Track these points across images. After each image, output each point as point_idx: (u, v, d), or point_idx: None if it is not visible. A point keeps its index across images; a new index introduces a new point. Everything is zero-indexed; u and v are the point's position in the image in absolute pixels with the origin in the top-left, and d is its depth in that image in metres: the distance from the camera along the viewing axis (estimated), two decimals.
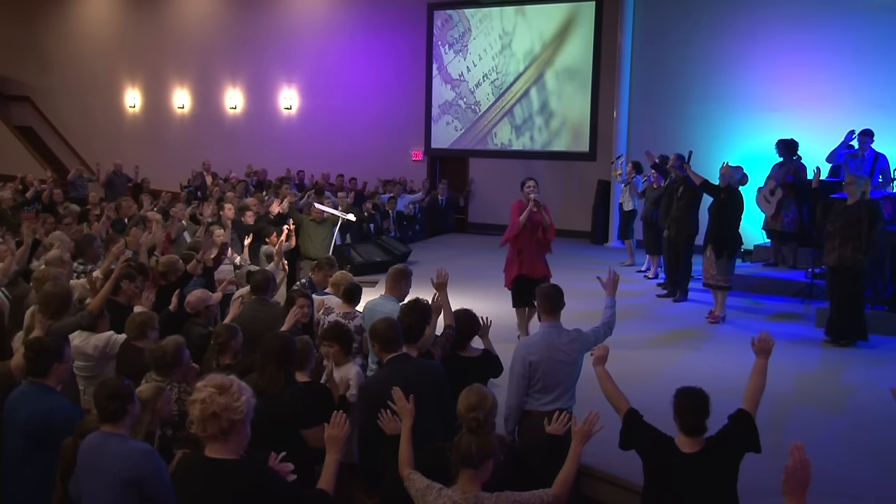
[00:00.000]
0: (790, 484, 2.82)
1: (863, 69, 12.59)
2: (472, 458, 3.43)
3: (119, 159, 17.31)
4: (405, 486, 3.70)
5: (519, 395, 4.87)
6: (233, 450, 3.17)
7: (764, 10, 13.43)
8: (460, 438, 3.49)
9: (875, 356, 8.08)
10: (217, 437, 3.13)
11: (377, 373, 4.77)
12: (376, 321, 4.78)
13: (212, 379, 3.22)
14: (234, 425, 3.14)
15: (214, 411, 3.09)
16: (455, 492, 3.48)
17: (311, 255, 10.44)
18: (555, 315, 5.03)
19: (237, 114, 20.64)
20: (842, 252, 8.17)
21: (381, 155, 18.03)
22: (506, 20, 16.12)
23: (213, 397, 3.11)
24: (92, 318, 5.56)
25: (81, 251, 7.70)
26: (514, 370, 4.90)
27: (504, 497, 3.48)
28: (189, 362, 4.85)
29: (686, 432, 3.84)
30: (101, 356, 5.56)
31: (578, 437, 3.78)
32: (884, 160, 10.72)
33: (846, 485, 5.18)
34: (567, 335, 5.02)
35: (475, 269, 11.99)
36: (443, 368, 4.66)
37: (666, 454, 3.85)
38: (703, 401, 3.84)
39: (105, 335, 5.60)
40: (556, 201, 16.32)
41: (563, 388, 4.90)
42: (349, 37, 18.60)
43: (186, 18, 21.11)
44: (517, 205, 8.50)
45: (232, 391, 3.15)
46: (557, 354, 4.91)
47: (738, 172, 9.50)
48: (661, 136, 14.07)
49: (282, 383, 4.34)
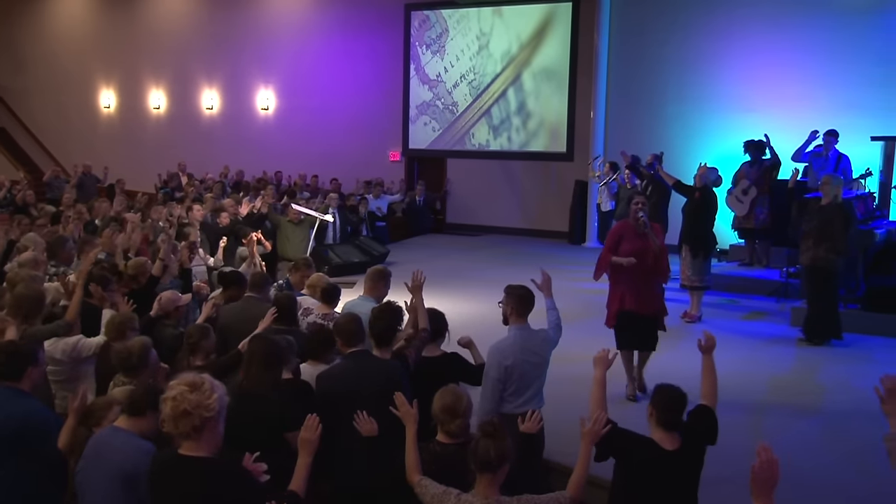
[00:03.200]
0: (757, 483, 2.85)
1: (836, 70, 12.71)
2: (492, 462, 3.41)
3: (94, 160, 17.16)
4: (416, 493, 3.67)
5: (494, 400, 4.83)
6: (206, 448, 3.17)
7: (739, 11, 13.52)
8: (477, 443, 3.47)
9: (849, 354, 8.16)
10: (189, 435, 3.14)
11: (335, 364, 4.76)
12: (339, 316, 4.80)
13: (183, 377, 3.22)
14: (206, 423, 3.14)
15: (185, 409, 3.10)
16: (475, 497, 3.46)
17: (288, 256, 10.42)
18: (525, 317, 5.02)
19: (213, 114, 20.52)
20: (816, 252, 8.25)
21: (359, 155, 17.98)
22: (483, 21, 16.13)
23: (185, 395, 3.11)
24: (68, 327, 5.54)
25: (54, 253, 7.62)
26: (489, 375, 4.85)
27: (524, 500, 3.48)
28: (157, 363, 4.80)
29: (665, 427, 3.87)
30: (70, 360, 5.51)
31: (588, 439, 3.80)
32: (846, 161, 10.86)
33: (820, 483, 5.22)
34: (538, 336, 5.04)
35: (452, 269, 12.00)
36: (401, 368, 4.63)
37: (650, 453, 3.87)
38: (683, 397, 3.90)
39: (73, 339, 5.54)
40: (533, 202, 16.43)
41: (534, 388, 4.93)
42: (326, 37, 18.55)
43: (162, 18, 20.95)
44: (619, 227, 7.08)
45: (204, 389, 3.15)
46: (530, 357, 4.92)
47: (713, 174, 9.59)
48: (638, 136, 14.13)
49: (267, 384, 4.32)
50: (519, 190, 16.81)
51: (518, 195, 16.79)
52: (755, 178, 11.13)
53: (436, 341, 5.21)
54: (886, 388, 3.37)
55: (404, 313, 5.16)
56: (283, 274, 9.32)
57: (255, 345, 4.54)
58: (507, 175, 16.85)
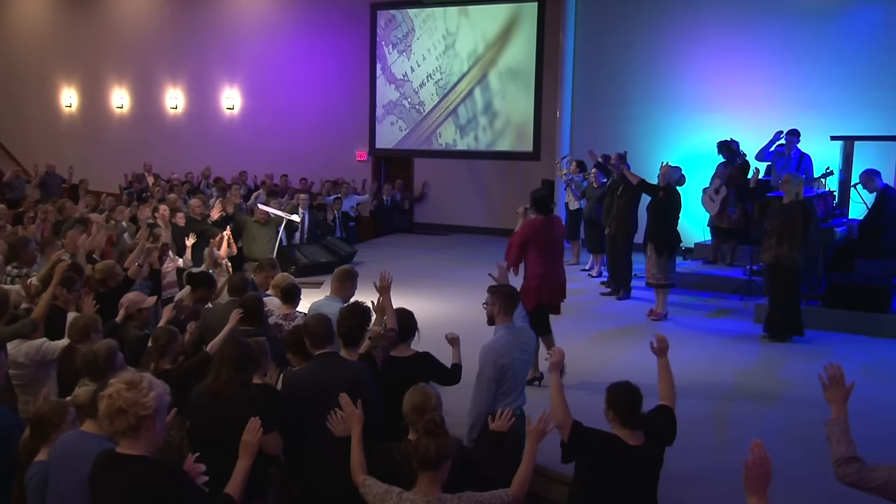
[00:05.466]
0: (750, 480, 2.88)
1: (796, 70, 12.89)
2: (432, 460, 3.42)
3: (55, 160, 16.91)
4: (361, 493, 3.67)
5: (489, 401, 4.78)
6: (143, 446, 3.16)
7: (702, 12, 13.67)
8: (418, 441, 3.48)
9: (810, 351, 8.29)
10: (126, 433, 3.13)
11: (303, 366, 4.74)
12: (308, 318, 4.77)
13: (122, 375, 3.23)
14: (142, 421, 3.12)
15: (121, 406, 3.09)
16: (416, 495, 3.46)
17: (255, 256, 10.34)
18: (511, 316, 5.03)
19: (178, 114, 20.31)
20: (778, 250, 8.38)
21: (326, 155, 17.90)
22: (449, 20, 16.15)
23: (121, 392, 3.11)
24: (34, 326, 5.46)
25: (16, 254, 7.46)
26: (484, 375, 4.80)
27: (465, 498, 3.49)
28: (123, 366, 4.73)
29: (626, 425, 3.90)
30: (34, 363, 5.44)
31: (533, 437, 3.81)
32: (808, 160, 11.06)
33: (784, 478, 5.28)
34: (525, 333, 5.08)
35: (420, 269, 12.01)
36: (367, 369, 4.63)
37: (615, 450, 3.89)
38: (637, 393, 3.92)
39: (37, 342, 5.46)
40: (500, 201, 16.48)
41: (521, 386, 4.97)
42: (292, 36, 18.44)
43: (124, 15, 20.67)
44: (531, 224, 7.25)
45: (141, 387, 3.14)
46: (522, 354, 4.97)
47: (676, 172, 9.70)
48: (604, 135, 14.23)
49: (236, 387, 4.29)
50: (486, 189, 16.85)
51: (485, 195, 16.83)
52: (726, 178, 11.29)
53: (406, 341, 5.17)
54: (829, 375, 3.45)
55: (372, 313, 5.16)
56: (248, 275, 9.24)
57: (225, 347, 4.51)
58: (474, 175, 16.89)
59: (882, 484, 3.24)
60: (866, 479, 3.25)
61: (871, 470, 3.26)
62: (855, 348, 8.43)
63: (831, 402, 3.43)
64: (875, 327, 8.87)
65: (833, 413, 3.41)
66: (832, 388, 3.44)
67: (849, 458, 3.29)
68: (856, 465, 3.27)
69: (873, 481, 3.25)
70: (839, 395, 3.42)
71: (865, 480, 3.26)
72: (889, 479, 3.22)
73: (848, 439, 3.32)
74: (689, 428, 4.15)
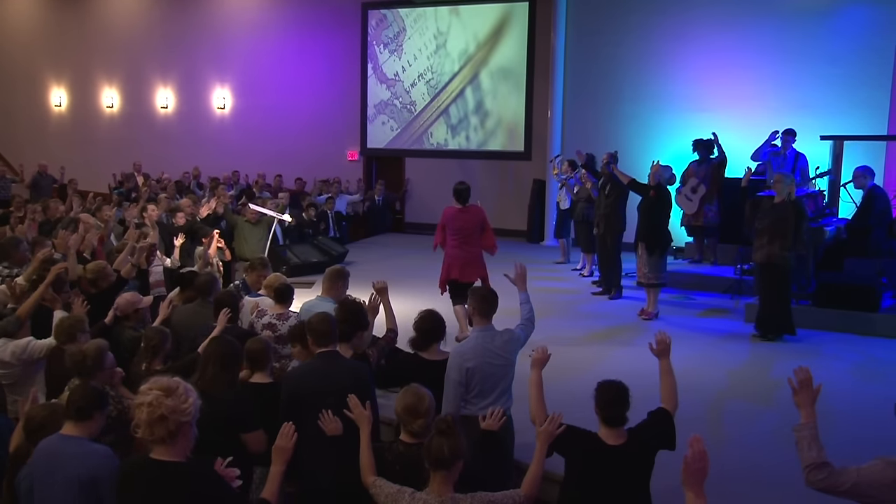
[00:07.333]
0: (688, 474, 2.88)
1: (787, 70, 12.94)
2: (445, 459, 3.42)
3: (45, 160, 16.86)
4: (371, 493, 3.66)
5: (455, 403, 4.74)
6: (179, 452, 3.13)
7: (692, 12, 13.71)
8: (430, 441, 3.47)
9: (802, 349, 8.30)
10: (164, 440, 3.09)
11: (303, 364, 4.73)
12: (312, 316, 4.76)
13: (156, 381, 3.16)
14: (181, 427, 3.09)
15: (162, 414, 3.05)
16: (429, 495, 3.46)
17: (246, 256, 10.31)
18: (489, 318, 4.96)
19: (169, 113, 20.24)
20: (770, 249, 8.40)
21: (317, 155, 17.88)
22: (440, 20, 16.16)
23: (161, 400, 3.06)
24: (19, 324, 5.44)
25: (7, 254, 7.40)
26: (450, 378, 4.77)
27: (478, 498, 3.49)
28: (113, 366, 4.71)
29: (608, 423, 3.90)
30: (21, 362, 5.42)
31: (543, 438, 3.82)
32: (803, 159, 11.07)
33: (776, 477, 5.31)
34: (501, 337, 4.93)
35: (411, 268, 11.98)
36: (369, 370, 4.61)
37: (590, 447, 3.91)
38: (624, 392, 3.91)
39: (23, 341, 5.45)
40: (491, 200, 16.45)
41: (500, 390, 4.85)
42: (283, 36, 18.41)
43: (114, 14, 20.60)
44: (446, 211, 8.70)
45: (179, 393, 3.11)
46: (493, 358, 4.83)
47: (667, 171, 9.71)
48: (594, 135, 14.25)
49: (223, 384, 4.28)
50: (477, 189, 16.72)
51: (476, 194, 16.65)
52: (703, 176, 11.33)
53: (436, 343, 5.07)
54: (799, 379, 3.46)
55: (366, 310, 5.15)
56: (240, 275, 9.23)
57: (212, 346, 4.53)
58: (465, 174, 16.77)
59: (851, 486, 3.24)
60: (836, 483, 3.26)
61: (840, 474, 3.27)
62: (845, 347, 8.45)
63: (800, 407, 3.43)
64: (865, 326, 8.90)
65: (802, 417, 3.41)
66: (801, 391, 3.45)
67: (819, 464, 3.29)
68: (826, 471, 3.28)
69: (842, 485, 3.25)
70: (807, 399, 3.43)
71: (835, 485, 3.26)
72: (857, 480, 3.23)
73: (818, 444, 3.33)
74: (681, 427, 4.14)
